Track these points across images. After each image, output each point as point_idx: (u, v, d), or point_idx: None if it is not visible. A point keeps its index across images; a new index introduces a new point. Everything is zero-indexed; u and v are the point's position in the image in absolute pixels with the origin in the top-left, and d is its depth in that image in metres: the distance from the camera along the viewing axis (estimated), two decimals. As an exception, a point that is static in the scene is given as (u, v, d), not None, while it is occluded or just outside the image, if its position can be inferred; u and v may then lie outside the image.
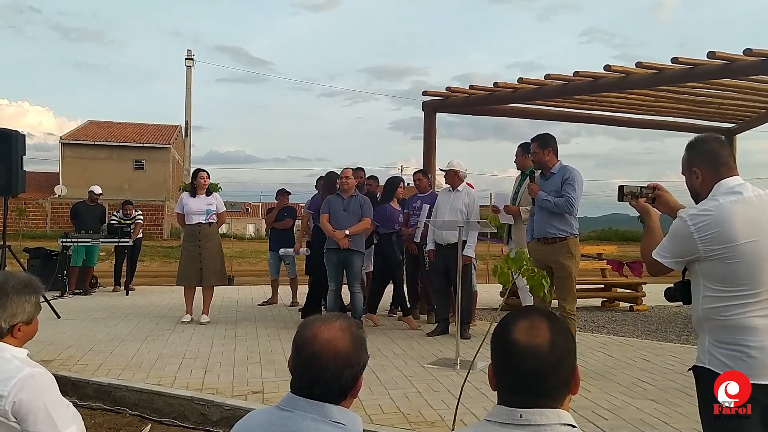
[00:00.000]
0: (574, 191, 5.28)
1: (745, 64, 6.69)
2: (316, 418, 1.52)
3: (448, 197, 6.95)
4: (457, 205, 6.83)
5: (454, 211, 6.78)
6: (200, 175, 7.74)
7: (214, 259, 7.57)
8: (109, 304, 9.05)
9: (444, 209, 6.88)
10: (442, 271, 6.91)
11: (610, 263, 9.06)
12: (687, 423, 4.02)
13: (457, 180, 6.96)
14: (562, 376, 1.37)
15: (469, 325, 7.00)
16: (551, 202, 5.24)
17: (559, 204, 5.23)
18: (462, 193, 6.93)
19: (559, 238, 5.26)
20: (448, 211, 6.82)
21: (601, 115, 9.90)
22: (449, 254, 6.74)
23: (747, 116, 9.63)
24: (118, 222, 10.76)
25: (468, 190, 7.01)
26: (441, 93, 8.93)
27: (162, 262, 19.87)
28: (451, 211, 6.79)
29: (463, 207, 6.82)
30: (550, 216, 5.28)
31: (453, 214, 6.73)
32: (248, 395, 4.58)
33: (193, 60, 33.94)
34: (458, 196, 6.91)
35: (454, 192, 6.95)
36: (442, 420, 4.06)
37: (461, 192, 6.94)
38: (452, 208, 6.82)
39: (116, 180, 33.25)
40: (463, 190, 6.96)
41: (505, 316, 1.47)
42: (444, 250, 6.83)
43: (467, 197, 6.91)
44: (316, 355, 1.54)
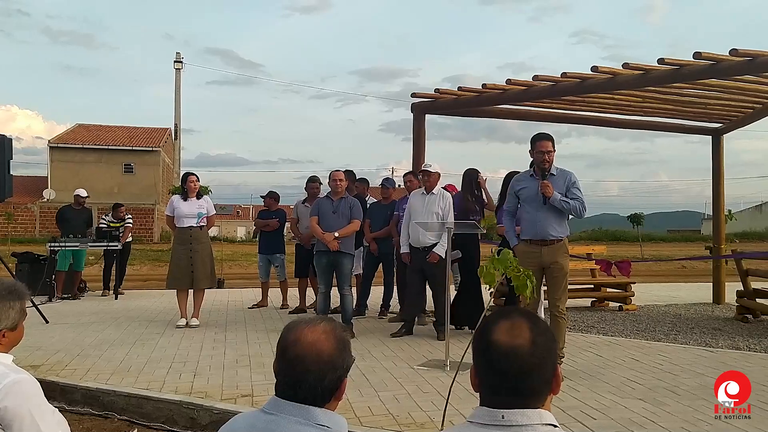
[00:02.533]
0: (582, 193, 5.32)
1: (731, 64, 6.74)
2: (300, 421, 1.52)
3: (423, 200, 6.92)
4: (433, 209, 6.82)
5: (431, 214, 6.78)
6: (190, 178, 7.72)
7: (205, 263, 7.55)
8: (98, 309, 9.01)
9: (419, 212, 6.85)
10: (417, 273, 6.91)
11: (598, 263, 9.09)
12: (675, 422, 4.04)
13: (433, 183, 6.96)
14: (544, 376, 1.38)
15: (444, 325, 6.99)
16: (570, 204, 5.22)
17: (575, 207, 5.23)
18: (437, 196, 6.92)
19: (558, 239, 5.27)
20: (424, 214, 6.80)
21: (589, 116, 9.92)
22: (425, 257, 6.78)
23: (734, 116, 9.68)
24: (106, 226, 10.71)
25: (443, 193, 7.01)
26: (430, 95, 8.93)
27: (152, 266, 19.79)
28: (427, 215, 6.78)
29: (439, 210, 6.81)
30: (552, 218, 5.26)
31: (429, 218, 6.73)
32: (238, 399, 4.56)
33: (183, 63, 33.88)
34: (433, 199, 6.89)
35: (429, 195, 6.93)
36: (431, 421, 4.06)
37: (436, 195, 6.93)
38: (428, 212, 6.80)
39: (105, 183, 33.13)
40: (438, 193, 6.95)
41: (487, 317, 1.48)
42: (420, 253, 6.83)
43: (443, 200, 6.91)
44: (299, 358, 1.55)
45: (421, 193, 7.00)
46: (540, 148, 5.24)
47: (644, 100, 8.57)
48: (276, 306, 9.22)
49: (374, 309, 8.52)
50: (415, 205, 6.94)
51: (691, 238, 43.16)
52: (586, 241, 32.72)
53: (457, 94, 8.74)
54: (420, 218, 6.75)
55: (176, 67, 34.78)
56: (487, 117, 9.99)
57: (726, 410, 3.85)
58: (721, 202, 10.69)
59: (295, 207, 8.96)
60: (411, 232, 6.87)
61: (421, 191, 7.02)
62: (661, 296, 11.01)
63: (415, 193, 7.17)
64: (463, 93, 8.68)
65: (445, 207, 6.86)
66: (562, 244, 5.30)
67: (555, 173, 5.30)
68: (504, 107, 9.27)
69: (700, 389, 4.83)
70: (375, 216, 7.99)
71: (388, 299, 8.44)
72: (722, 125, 10.20)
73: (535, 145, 5.28)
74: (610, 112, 9.53)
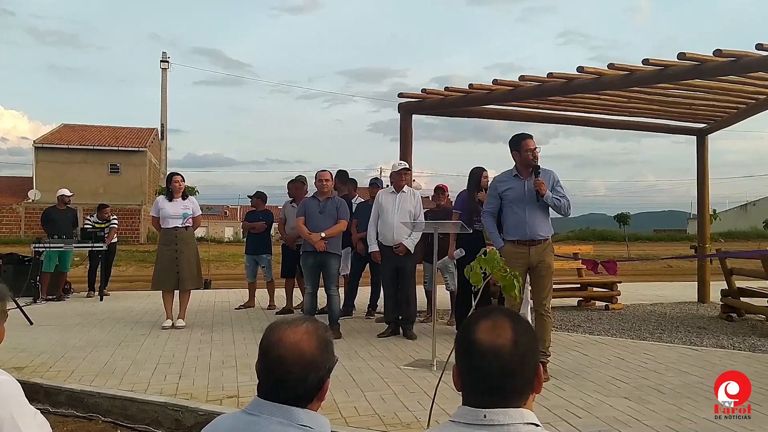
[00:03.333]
0: (564, 192, 5.36)
1: (715, 64, 6.78)
2: (282, 422, 1.51)
3: (394, 199, 6.93)
4: (406, 207, 6.86)
5: (404, 212, 6.81)
6: (175, 178, 7.68)
7: (191, 264, 7.51)
8: (82, 310, 8.94)
9: (390, 211, 6.86)
10: (392, 272, 6.92)
11: (585, 263, 9.14)
12: (659, 420, 4.07)
13: (404, 182, 6.97)
14: (526, 376, 1.38)
15: (413, 324, 7.02)
16: (560, 202, 5.27)
17: (565, 204, 5.30)
18: (408, 195, 6.95)
19: (545, 239, 5.30)
20: (396, 212, 6.81)
21: (576, 116, 9.96)
22: (399, 256, 6.78)
23: (718, 116, 9.76)
24: (91, 226, 10.64)
25: (413, 192, 7.05)
26: (417, 95, 8.93)
27: (138, 267, 19.67)
28: (401, 213, 6.80)
29: (411, 208, 6.86)
30: (541, 217, 5.30)
31: (403, 216, 6.76)
32: (223, 400, 4.54)
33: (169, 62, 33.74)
34: (405, 197, 6.93)
35: (399, 193, 6.95)
36: (417, 421, 4.06)
37: (407, 193, 6.96)
38: (402, 210, 6.83)
39: (91, 184, 32.88)
40: (408, 192, 6.99)
41: (469, 317, 1.48)
42: (392, 251, 6.85)
43: (414, 198, 6.95)
44: (281, 359, 1.54)
45: (390, 192, 7.02)
46: (527, 146, 5.26)
47: (630, 100, 8.62)
48: (263, 306, 9.19)
49: (361, 309, 8.52)
50: (385, 204, 6.95)
51: (677, 237, 43.48)
52: (573, 241, 32.87)
53: (444, 94, 8.74)
54: (391, 217, 6.80)
55: (162, 67, 34.66)
56: (474, 117, 10.00)
57: (726, 410, 3.85)
58: (706, 202, 10.78)
59: (283, 207, 8.93)
60: (382, 230, 6.88)
61: (390, 190, 7.03)
62: (647, 295, 11.08)
63: (383, 192, 7.19)
64: (450, 93, 8.69)
65: (416, 205, 6.92)
66: (548, 243, 5.34)
67: (540, 173, 5.33)
68: (491, 107, 9.29)
69: (684, 387, 4.87)
70: (362, 216, 7.98)
71: (375, 299, 8.45)
72: (707, 125, 10.28)
73: (521, 145, 5.28)
74: (596, 112, 9.58)
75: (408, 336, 6.82)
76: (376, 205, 7.06)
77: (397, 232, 6.78)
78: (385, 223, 6.86)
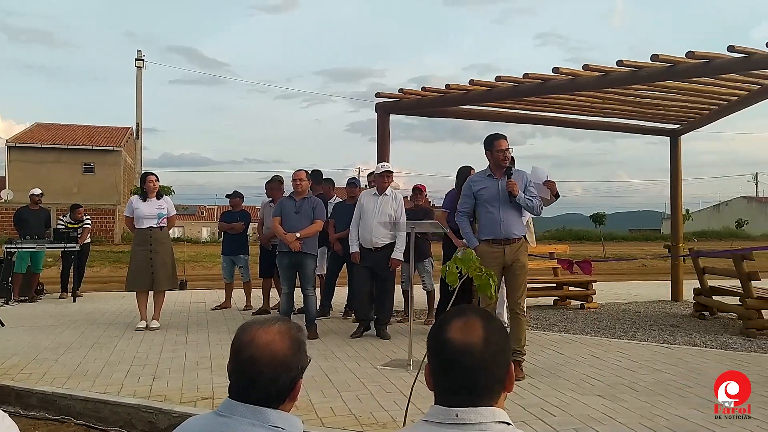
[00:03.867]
0: (536, 192, 5.41)
1: (688, 66, 6.88)
2: (254, 423, 1.50)
3: (376, 201, 6.92)
4: (387, 210, 6.85)
5: (384, 215, 6.80)
6: (149, 178, 7.60)
7: (166, 264, 7.44)
8: (55, 312, 8.81)
9: (371, 213, 6.85)
10: (367, 273, 6.92)
11: (560, 262, 9.20)
12: (632, 418, 4.11)
13: (387, 184, 6.97)
14: (497, 374, 1.38)
15: (387, 324, 7.04)
16: (533, 202, 5.31)
17: (537, 204, 5.35)
18: (390, 198, 6.95)
19: (519, 238, 5.33)
20: (377, 215, 6.81)
21: (552, 117, 10.05)
22: (378, 257, 6.81)
23: (691, 117, 9.90)
24: (64, 227, 10.49)
25: (395, 194, 7.04)
26: (394, 95, 8.94)
27: (112, 268, 19.42)
28: (381, 216, 6.80)
29: (392, 211, 6.86)
30: (517, 217, 5.35)
31: (383, 219, 6.76)
32: (198, 401, 4.50)
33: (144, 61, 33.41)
34: (386, 200, 6.92)
35: (381, 196, 6.94)
36: (393, 421, 4.06)
37: (389, 196, 6.96)
38: (382, 213, 6.83)
39: (65, 184, 32.41)
40: (390, 194, 6.98)
41: (441, 316, 1.48)
42: (372, 254, 6.85)
43: (395, 201, 6.95)
44: (253, 359, 1.52)
45: (372, 194, 7.01)
46: (499, 147, 5.30)
47: (604, 101, 8.71)
48: (239, 307, 9.13)
49: (338, 309, 8.50)
50: (366, 205, 6.94)
51: (652, 237, 44.06)
52: (550, 241, 33.14)
53: (421, 94, 8.76)
54: (371, 219, 6.80)
55: (138, 66, 34.32)
56: (452, 117, 10.04)
57: (726, 410, 3.88)
58: (679, 202, 10.92)
59: (262, 207, 8.87)
60: (362, 232, 6.87)
61: (373, 192, 7.02)
62: (622, 294, 11.20)
63: (366, 193, 7.17)
64: (427, 93, 8.71)
65: (397, 208, 6.92)
66: (523, 242, 5.38)
67: (513, 173, 5.37)
68: (468, 108, 9.34)
69: (657, 385, 4.92)
70: (340, 216, 7.96)
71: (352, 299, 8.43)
72: (680, 126, 10.41)
73: (493, 145, 5.33)
74: (572, 112, 9.67)
75: (382, 336, 6.82)
76: (358, 206, 7.06)
77: (375, 234, 6.77)
78: (365, 225, 6.84)
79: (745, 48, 6.43)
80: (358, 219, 6.97)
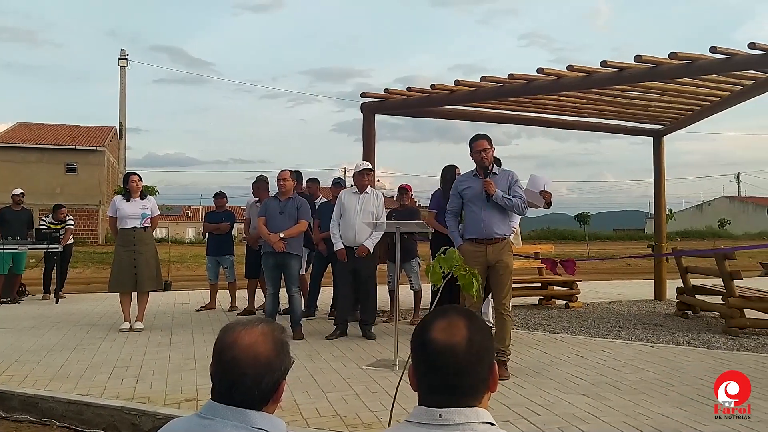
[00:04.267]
0: (522, 191, 5.41)
1: (671, 67, 6.94)
2: (237, 425, 1.49)
3: (357, 199, 6.91)
4: (368, 208, 6.83)
5: (366, 213, 6.79)
6: (132, 178, 7.54)
7: (149, 265, 7.38)
8: (37, 313, 8.72)
9: (353, 211, 6.84)
10: (349, 273, 6.90)
11: (544, 262, 9.24)
12: (616, 416, 4.13)
13: (367, 182, 6.97)
14: (481, 374, 1.38)
15: (372, 324, 7.02)
16: (512, 201, 5.30)
17: (518, 204, 5.32)
18: (371, 196, 6.94)
19: (502, 238, 5.34)
20: (359, 213, 6.80)
21: (536, 117, 10.09)
22: (359, 256, 6.79)
23: (674, 118, 9.98)
24: (47, 227, 10.38)
25: (376, 193, 7.04)
26: (379, 95, 8.94)
27: (96, 269, 19.26)
28: (364, 214, 6.79)
29: (373, 209, 6.85)
30: (498, 217, 5.34)
31: (365, 217, 6.75)
32: (182, 403, 4.47)
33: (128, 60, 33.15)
34: (367, 198, 6.91)
35: (362, 194, 6.93)
36: (378, 421, 4.05)
37: (370, 194, 6.95)
38: (364, 211, 6.81)
39: (48, 184, 32.07)
40: (371, 193, 6.98)
41: (425, 316, 1.48)
42: (353, 252, 6.82)
43: (376, 200, 6.94)
44: (235, 361, 1.51)
45: (353, 192, 6.99)
46: (476, 147, 5.37)
47: (588, 101, 8.77)
48: (224, 308, 9.09)
49: (324, 310, 8.48)
50: (347, 204, 6.92)
51: (636, 236, 44.42)
52: (535, 240, 33.29)
53: (406, 94, 8.77)
54: (353, 217, 6.79)
55: (121, 65, 33.99)
56: (437, 117, 10.06)
57: (726, 410, 3.90)
58: (662, 202, 11.01)
59: (248, 207, 8.83)
60: (344, 231, 6.86)
61: (354, 190, 7.00)
62: (606, 294, 11.27)
63: (346, 192, 7.14)
64: (412, 93, 8.72)
65: (379, 206, 6.91)
66: (506, 242, 5.38)
67: (497, 173, 5.41)
68: (453, 108, 9.36)
69: (641, 384, 4.96)
70: (325, 216, 7.94)
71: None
72: (663, 127, 10.50)
73: (473, 146, 5.41)
74: (556, 113, 9.72)
75: (367, 336, 6.80)
76: (338, 204, 7.03)
77: (358, 232, 6.76)
78: (347, 224, 6.83)
79: (727, 49, 6.49)
80: (338, 217, 6.94)
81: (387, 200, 10.89)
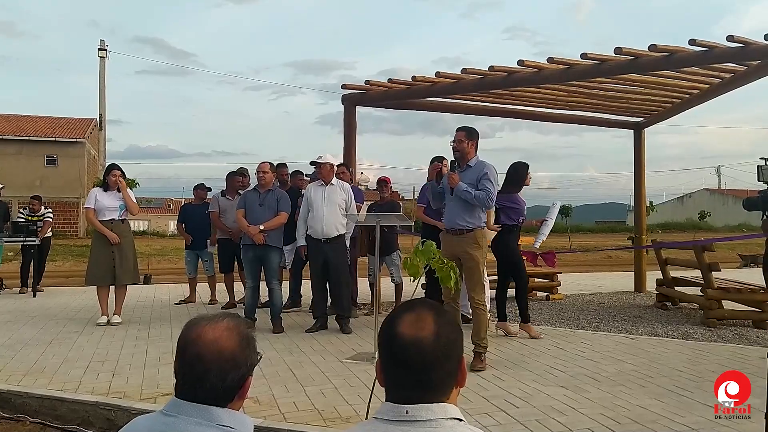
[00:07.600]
0: (492, 186, 5.38)
1: (650, 59, 6.95)
2: (201, 422, 1.46)
3: (323, 191, 6.85)
4: (336, 200, 6.80)
5: (334, 205, 6.76)
6: (113, 172, 7.40)
7: (128, 258, 7.28)
8: (13, 307, 8.60)
9: (320, 203, 6.78)
10: (320, 266, 6.86)
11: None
12: (594, 408, 4.14)
13: (331, 174, 6.93)
14: (448, 369, 1.35)
15: (348, 318, 6.98)
16: (472, 195, 5.28)
17: (480, 197, 5.28)
18: (337, 187, 6.89)
19: (467, 230, 5.33)
20: (326, 205, 6.76)
21: (519, 110, 10.08)
22: (329, 249, 6.76)
23: (654, 110, 10.01)
24: (24, 220, 10.24)
25: (342, 184, 6.99)
26: (360, 87, 8.89)
27: (75, 262, 19.04)
28: (330, 206, 6.75)
29: (342, 202, 6.82)
30: (462, 208, 5.34)
31: (333, 208, 6.73)
32: (158, 398, 4.41)
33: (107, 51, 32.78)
34: (333, 190, 6.86)
35: (327, 186, 6.87)
36: (357, 415, 4.03)
37: (336, 186, 6.90)
38: (331, 202, 6.77)
39: (27, 176, 31.63)
40: (337, 184, 6.92)
41: (393, 310, 1.45)
42: (322, 245, 6.79)
43: (343, 191, 6.90)
44: (199, 356, 1.49)
45: (319, 185, 6.93)
46: (453, 139, 5.43)
47: (569, 94, 8.77)
48: (204, 301, 9.01)
49: (306, 303, 8.43)
50: (314, 196, 6.86)
51: (617, 228, 44.69)
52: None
53: (388, 86, 8.72)
54: (320, 209, 6.75)
55: (101, 56, 33.61)
56: (420, 110, 10.02)
57: (726, 410, 3.90)
58: (643, 194, 11.06)
59: (214, 200, 8.73)
60: (311, 223, 6.81)
61: (319, 183, 6.94)
62: (587, 285, 11.33)
63: (313, 185, 7.07)
64: (394, 85, 8.68)
65: (347, 198, 6.88)
66: (471, 234, 5.35)
67: (472, 165, 5.41)
68: (436, 100, 9.33)
69: (619, 375, 4.98)
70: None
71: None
72: (643, 119, 10.54)
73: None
74: (538, 105, 9.72)
75: (344, 331, 6.75)
76: (305, 199, 6.98)
77: (326, 224, 6.72)
78: (315, 216, 6.77)
79: (706, 42, 6.51)
80: (305, 213, 6.89)
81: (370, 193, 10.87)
